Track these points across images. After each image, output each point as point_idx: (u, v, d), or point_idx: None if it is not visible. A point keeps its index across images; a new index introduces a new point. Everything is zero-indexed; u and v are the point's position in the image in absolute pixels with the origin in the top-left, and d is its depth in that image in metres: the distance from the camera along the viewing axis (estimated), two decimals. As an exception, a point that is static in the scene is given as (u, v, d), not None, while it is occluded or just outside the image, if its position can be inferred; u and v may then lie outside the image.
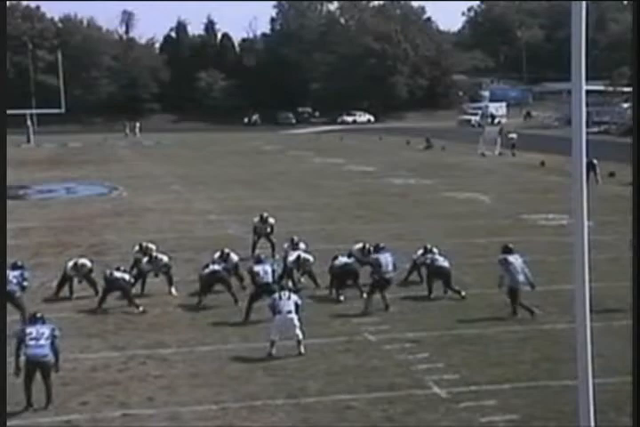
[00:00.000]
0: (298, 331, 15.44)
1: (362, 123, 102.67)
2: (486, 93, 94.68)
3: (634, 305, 6.65)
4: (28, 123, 78.78)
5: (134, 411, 13.03)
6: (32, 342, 13.15)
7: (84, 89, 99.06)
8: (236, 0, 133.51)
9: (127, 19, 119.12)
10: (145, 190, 39.58)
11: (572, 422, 9.58)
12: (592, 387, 6.83)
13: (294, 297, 15.90)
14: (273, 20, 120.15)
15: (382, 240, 21.00)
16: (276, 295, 15.93)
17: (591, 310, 6.71)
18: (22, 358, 13.20)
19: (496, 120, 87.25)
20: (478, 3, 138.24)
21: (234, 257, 20.47)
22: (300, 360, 15.14)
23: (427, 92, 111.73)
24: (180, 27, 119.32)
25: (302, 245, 21.42)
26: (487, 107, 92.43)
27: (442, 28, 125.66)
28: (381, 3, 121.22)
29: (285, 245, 21.49)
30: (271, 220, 24.23)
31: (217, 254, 20.32)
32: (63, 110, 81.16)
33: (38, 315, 13.92)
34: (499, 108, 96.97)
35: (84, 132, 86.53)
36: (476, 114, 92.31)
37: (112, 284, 18.43)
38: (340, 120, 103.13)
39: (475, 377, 14.06)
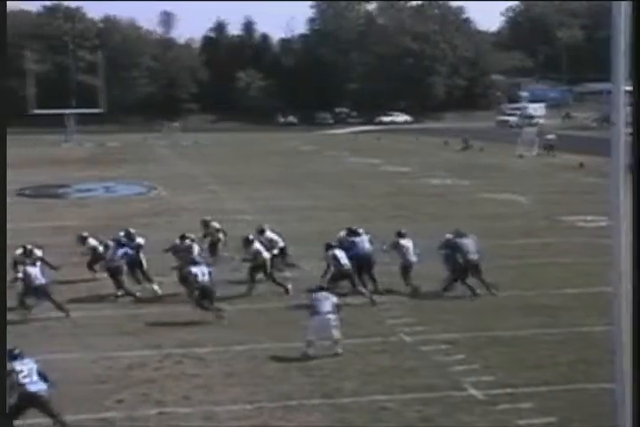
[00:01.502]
0: (336, 331, 15.42)
1: (399, 123, 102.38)
2: (525, 94, 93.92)
3: (634, 305, 6.57)
4: (68, 122, 79.45)
5: (170, 409, 13.08)
6: (27, 380, 12.17)
7: (124, 89, 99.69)
8: (274, 0, 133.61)
9: (167, 19, 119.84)
10: (183, 190, 39.77)
11: (609, 425, 9.49)
12: (630, 389, 6.75)
13: (332, 297, 15.88)
14: (311, 21, 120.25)
15: (418, 241, 20.90)
16: (314, 295, 15.90)
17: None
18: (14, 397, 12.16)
19: (535, 121, 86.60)
20: (517, 2, 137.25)
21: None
22: (335, 361, 15.12)
23: (465, 92, 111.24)
24: (219, 27, 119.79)
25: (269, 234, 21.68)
26: (526, 107, 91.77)
27: (480, 28, 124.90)
28: (420, 3, 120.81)
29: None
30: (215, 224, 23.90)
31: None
32: (103, 110, 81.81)
33: (16, 351, 12.57)
34: (537, 109, 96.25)
35: (123, 132, 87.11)
36: (514, 115, 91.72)
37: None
38: (377, 120, 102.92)
39: (511, 379, 13.96)
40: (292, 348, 15.54)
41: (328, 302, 15.67)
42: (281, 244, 21.60)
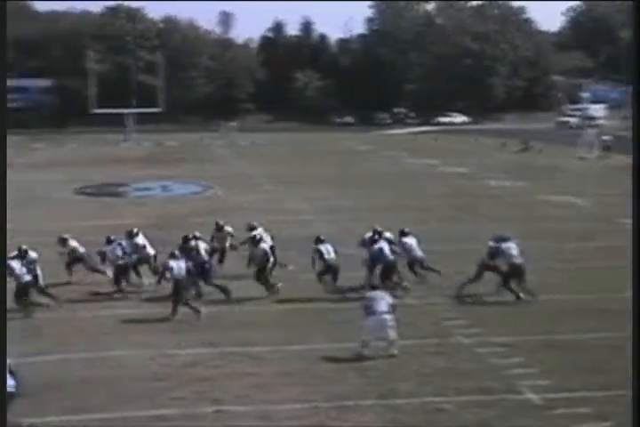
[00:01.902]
0: (392, 332, 15.39)
1: (457, 124, 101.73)
2: (586, 95, 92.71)
3: (634, 305, 6.48)
4: (128, 122, 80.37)
5: (226, 408, 13.18)
6: None
7: (182, 89, 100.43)
8: (332, 0, 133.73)
9: (225, 19, 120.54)
10: (239, 189, 39.99)
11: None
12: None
13: (387, 297, 15.85)
14: (369, 21, 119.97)
15: (475, 242, 20.78)
16: (369, 295, 15.87)
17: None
18: None
19: (595, 122, 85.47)
20: (579, 2, 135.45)
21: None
22: (390, 361, 15.10)
23: (524, 93, 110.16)
24: (277, 27, 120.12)
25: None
26: (587, 108, 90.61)
27: (541, 28, 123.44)
28: (480, 2, 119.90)
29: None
30: (228, 228, 23.50)
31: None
32: (161, 110, 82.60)
33: None
34: (598, 110, 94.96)
35: (181, 132, 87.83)
36: (575, 116, 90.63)
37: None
38: (435, 121, 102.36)
39: (567, 383, 13.83)
40: (347, 348, 15.55)
41: (384, 301, 15.65)
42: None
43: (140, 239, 21.39)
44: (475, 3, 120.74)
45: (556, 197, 36.30)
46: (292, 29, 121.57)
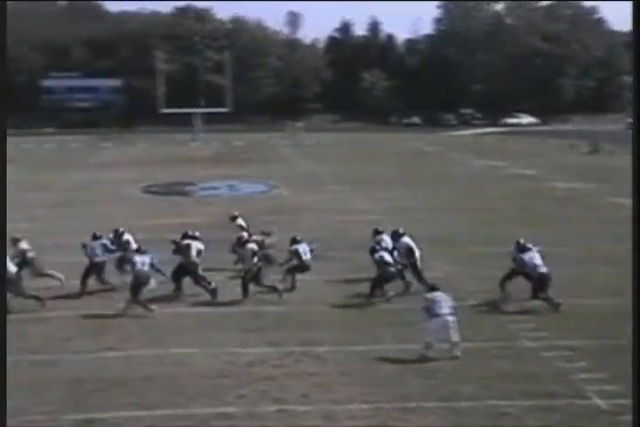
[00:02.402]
0: (455, 334, 15.28)
1: (525, 125, 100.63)
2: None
3: (634, 305, 6.27)
4: (195, 122, 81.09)
5: (289, 407, 13.19)
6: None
7: (250, 88, 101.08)
8: (400, 0, 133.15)
9: (293, 19, 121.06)
10: (305, 189, 40.07)
11: None
12: None
13: (449, 299, 15.72)
14: (437, 21, 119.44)
15: (542, 245, 20.48)
16: (432, 297, 15.74)
17: None
18: None
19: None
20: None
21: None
22: (454, 364, 14.97)
23: (595, 93, 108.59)
24: (345, 27, 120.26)
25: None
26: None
27: (613, 27, 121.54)
28: (550, 3, 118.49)
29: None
30: (240, 221, 23.78)
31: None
32: (229, 109, 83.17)
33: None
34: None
35: (248, 131, 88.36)
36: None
37: None
38: (502, 122, 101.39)
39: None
40: (409, 349, 15.46)
41: (446, 303, 15.54)
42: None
43: (126, 237, 21.53)
44: (545, 3, 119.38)
45: (626, 200, 35.62)
46: (360, 29, 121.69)
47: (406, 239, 20.53)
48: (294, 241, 20.71)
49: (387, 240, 20.76)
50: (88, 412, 13.04)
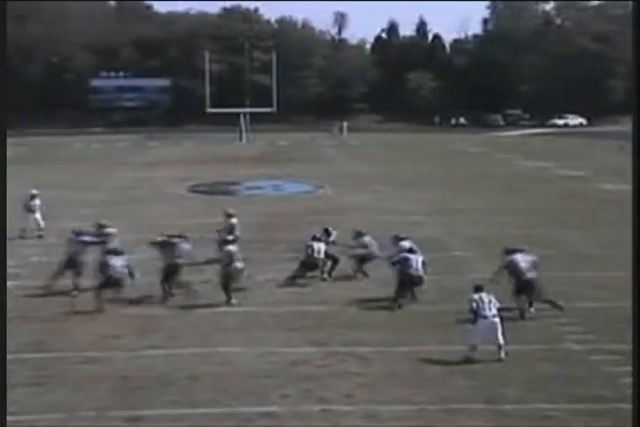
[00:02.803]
0: (500, 336, 15.17)
1: (574, 126, 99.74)
2: None
3: (634, 305, 6.14)
4: (241, 121, 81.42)
5: (333, 407, 13.19)
6: None
7: (296, 89, 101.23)
8: (448, 0, 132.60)
9: (339, 20, 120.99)
10: (349, 189, 40.03)
11: None
12: None
13: (495, 301, 15.59)
14: (485, 21, 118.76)
15: (591, 247, 20.29)
16: (478, 298, 15.62)
17: None
18: None
19: None
20: None
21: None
22: (498, 366, 14.88)
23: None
24: (392, 27, 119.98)
25: None
26: None
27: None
28: (600, 2, 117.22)
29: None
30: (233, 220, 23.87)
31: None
32: (275, 109, 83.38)
33: None
34: None
35: (293, 131, 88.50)
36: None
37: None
38: (550, 123, 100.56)
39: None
40: (454, 351, 15.40)
41: (492, 304, 15.43)
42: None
43: (109, 230, 21.84)
44: (595, 2, 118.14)
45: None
46: (407, 30, 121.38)
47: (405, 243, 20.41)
48: (359, 234, 21.50)
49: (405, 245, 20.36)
50: (134, 409, 13.16)
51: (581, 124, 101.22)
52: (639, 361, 11.81)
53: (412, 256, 19.18)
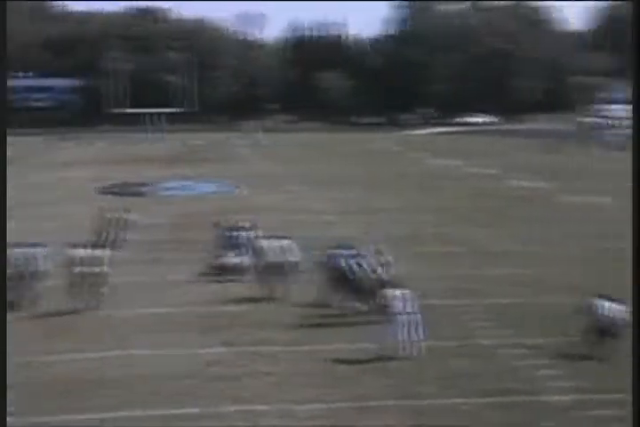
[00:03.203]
0: (414, 333, 15.23)
1: (482, 124, 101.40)
2: (610, 95, 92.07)
3: (634, 305, 6.33)
4: (153, 121, 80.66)
5: (249, 407, 13.10)
6: None
7: (209, 89, 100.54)
8: (362, 0, 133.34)
9: (253, 19, 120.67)
10: (263, 189, 39.96)
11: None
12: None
13: (412, 297, 15.61)
14: (399, 21, 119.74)
15: (502, 244, 20.62)
16: (392, 294, 15.62)
17: None
18: None
19: (619, 122, 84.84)
20: (605, 3, 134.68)
21: None
22: (412, 363, 14.96)
23: (549, 94, 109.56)
24: (305, 27, 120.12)
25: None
26: (611, 109, 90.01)
27: (567, 28, 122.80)
28: (509, 3, 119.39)
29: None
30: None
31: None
32: (188, 109, 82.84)
33: None
34: (622, 110, 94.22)
35: (206, 131, 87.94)
36: (598, 116, 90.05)
37: None
38: (461, 122, 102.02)
39: (595, 386, 13.67)
40: (367, 349, 15.43)
41: (408, 302, 15.46)
42: None
43: None
44: (503, 3, 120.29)
45: (583, 198, 35.99)
46: (320, 29, 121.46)
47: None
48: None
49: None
50: (43, 415, 12.86)
51: (490, 123, 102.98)
52: (639, 364, 12.00)
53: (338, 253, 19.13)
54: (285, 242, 20.19)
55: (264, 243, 20.22)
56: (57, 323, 17.70)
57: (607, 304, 15.07)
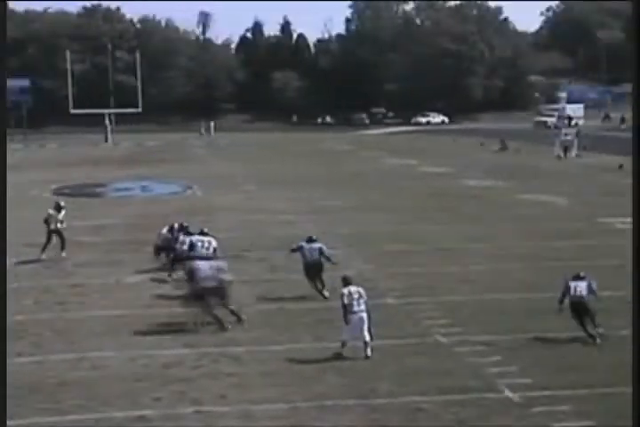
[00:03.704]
0: (366, 332, 15.30)
1: (436, 124, 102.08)
2: (564, 95, 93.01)
3: (634, 305, 6.49)
4: (107, 122, 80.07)
5: (207, 408, 13.11)
6: None
7: (161, 89, 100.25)
8: (311, 0, 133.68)
9: (204, 19, 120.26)
10: (220, 189, 39.89)
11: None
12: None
13: (364, 293, 15.65)
14: (348, 21, 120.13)
15: (457, 242, 20.80)
16: (347, 292, 15.65)
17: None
18: None
19: (573, 122, 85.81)
20: (557, 2, 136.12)
21: None
22: (369, 362, 15.05)
23: (502, 93, 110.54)
24: (257, 27, 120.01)
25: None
26: (564, 108, 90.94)
27: (519, 28, 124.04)
28: (458, 3, 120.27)
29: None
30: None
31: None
32: (140, 110, 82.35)
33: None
34: (576, 110, 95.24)
35: (161, 132, 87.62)
36: (552, 115, 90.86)
37: None
38: (413, 121, 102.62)
39: (548, 382, 13.83)
40: (326, 348, 15.49)
41: (361, 299, 15.49)
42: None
43: None
44: (453, 3, 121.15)
45: (537, 197, 36.39)
46: (272, 30, 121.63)
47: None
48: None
49: None
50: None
51: (443, 122, 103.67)
52: (639, 364, 12.12)
53: (307, 245, 19.29)
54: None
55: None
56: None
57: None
